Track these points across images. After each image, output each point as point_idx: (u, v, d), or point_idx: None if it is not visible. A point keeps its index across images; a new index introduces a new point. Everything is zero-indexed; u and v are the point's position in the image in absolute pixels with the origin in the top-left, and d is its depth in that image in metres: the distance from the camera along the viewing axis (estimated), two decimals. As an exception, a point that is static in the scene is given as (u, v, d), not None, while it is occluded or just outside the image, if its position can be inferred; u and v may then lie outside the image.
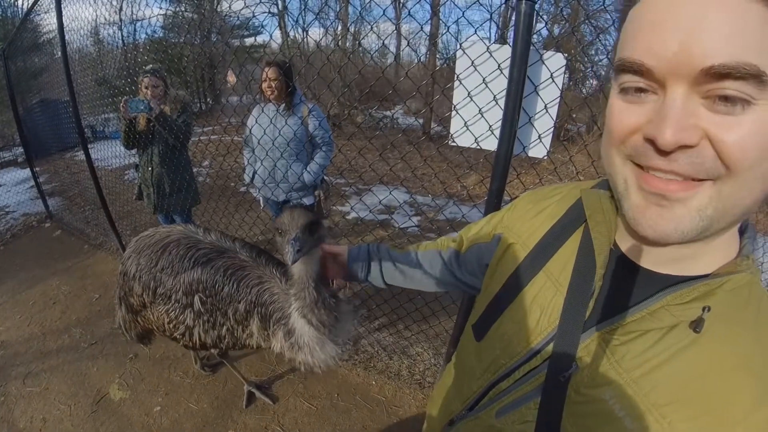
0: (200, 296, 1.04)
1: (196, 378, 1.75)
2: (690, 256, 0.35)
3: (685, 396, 0.32)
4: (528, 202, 0.53)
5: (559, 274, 0.43)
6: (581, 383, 0.37)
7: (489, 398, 0.47)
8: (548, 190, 0.52)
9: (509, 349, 0.45)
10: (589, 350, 0.37)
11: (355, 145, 1.74)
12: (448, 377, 0.62)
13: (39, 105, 4.95)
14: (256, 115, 1.87)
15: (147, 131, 2.00)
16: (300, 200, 1.97)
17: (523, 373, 0.43)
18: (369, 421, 1.54)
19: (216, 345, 1.10)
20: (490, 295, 0.51)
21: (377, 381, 1.70)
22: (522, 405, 0.42)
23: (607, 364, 0.36)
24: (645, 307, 0.35)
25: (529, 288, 0.45)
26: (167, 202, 2.15)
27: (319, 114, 1.86)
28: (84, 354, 1.95)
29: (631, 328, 0.35)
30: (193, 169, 2.33)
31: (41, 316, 2.27)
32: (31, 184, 4.03)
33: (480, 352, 0.50)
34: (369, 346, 1.85)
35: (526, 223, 0.50)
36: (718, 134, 0.27)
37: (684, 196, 0.29)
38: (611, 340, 0.36)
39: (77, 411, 1.65)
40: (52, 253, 3.04)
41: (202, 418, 1.57)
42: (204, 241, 1.09)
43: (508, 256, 0.50)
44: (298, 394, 1.65)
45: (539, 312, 0.43)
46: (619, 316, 0.36)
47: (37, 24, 5.07)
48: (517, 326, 0.45)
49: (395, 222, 3.17)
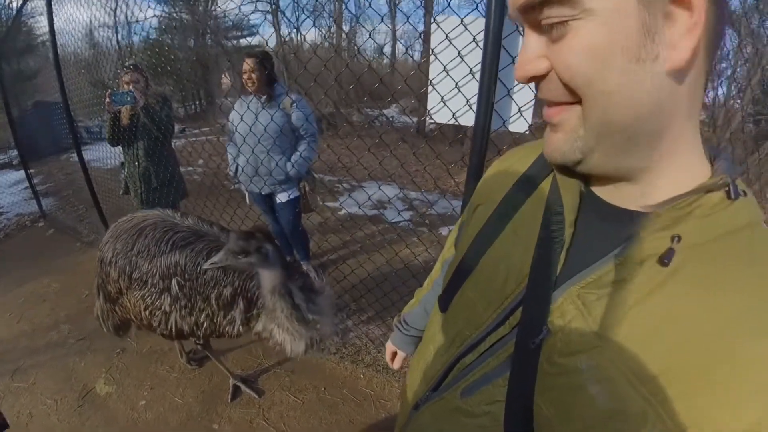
0: (178, 280, 1.06)
1: (182, 372, 1.77)
2: (646, 186, 0.32)
3: (680, 362, 0.26)
4: (495, 166, 0.51)
5: (527, 228, 0.39)
6: (554, 350, 0.33)
7: (453, 376, 0.43)
8: (516, 149, 0.50)
9: (474, 319, 0.41)
10: (562, 311, 0.33)
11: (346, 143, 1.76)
12: (416, 359, 0.57)
13: (34, 107, 5.06)
14: (238, 108, 1.89)
15: (131, 126, 2.04)
16: (285, 193, 1.99)
17: (489, 344, 0.39)
18: (356, 415, 1.54)
19: (193, 332, 1.12)
20: (456, 263, 0.48)
21: (365, 374, 1.70)
22: (489, 382, 0.38)
23: (583, 326, 0.31)
24: (625, 251, 0.30)
25: (494, 247, 0.42)
26: (155, 196, 2.19)
27: (303, 105, 1.89)
28: (72, 349, 1.99)
29: (608, 278, 0.31)
30: (188, 168, 2.38)
31: (31, 313, 2.32)
32: (25, 186, 4.12)
33: (444, 325, 0.47)
34: (357, 339, 1.86)
35: (491, 184, 0.48)
36: (554, 61, 0.30)
37: (558, 120, 0.32)
38: (587, 296, 0.32)
39: (63, 406, 1.68)
40: (44, 251, 3.11)
41: (186, 412, 1.58)
42: (181, 225, 1.12)
43: (474, 219, 0.48)
44: (284, 388, 1.66)
45: (506, 272, 0.39)
46: (594, 266, 0.32)
47: (31, 27, 5.20)
48: (482, 291, 0.41)
49: (386, 217, 3.18)
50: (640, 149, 0.31)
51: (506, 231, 0.41)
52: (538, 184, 0.41)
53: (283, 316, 0.88)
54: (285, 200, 1.99)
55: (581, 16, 0.27)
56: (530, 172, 0.43)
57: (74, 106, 3.55)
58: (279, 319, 0.90)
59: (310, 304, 0.89)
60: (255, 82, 1.80)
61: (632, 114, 0.28)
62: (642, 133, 0.29)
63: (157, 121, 1.99)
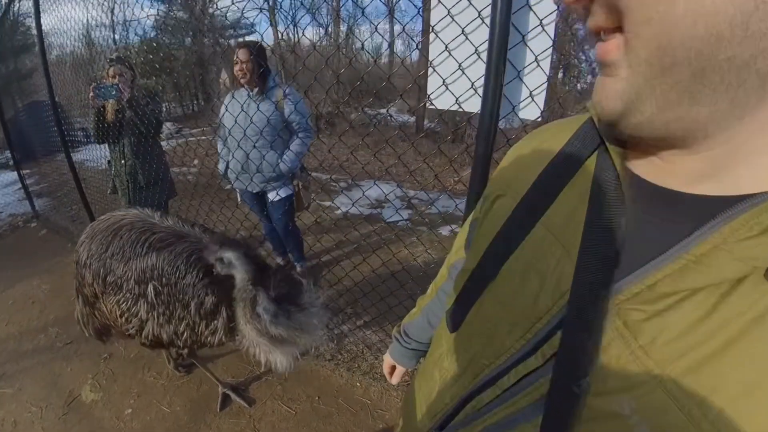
0: (155, 285, 0.99)
1: (170, 379, 1.71)
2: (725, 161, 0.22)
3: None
4: (518, 148, 0.41)
5: (565, 226, 0.30)
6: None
7: (466, 414, 0.34)
8: (544, 127, 0.40)
9: (494, 344, 0.32)
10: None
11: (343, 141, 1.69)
12: (412, 389, 0.48)
13: (28, 107, 5.04)
14: (227, 102, 1.82)
15: (116, 122, 1.96)
16: (277, 191, 1.91)
17: (515, 379, 0.30)
18: (352, 426, 1.46)
19: (173, 342, 1.04)
20: (469, 269, 0.38)
21: (362, 382, 1.62)
22: (515, 427, 0.30)
23: (627, 355, 0.23)
24: (685, 250, 0.22)
25: (521, 250, 0.32)
26: (142, 195, 2.12)
27: (295, 97, 1.80)
28: (59, 354, 1.94)
29: (664, 289, 0.22)
30: (182, 168, 2.32)
31: (19, 315, 2.27)
32: (18, 187, 4.10)
33: (455, 347, 0.38)
34: (353, 345, 1.78)
35: (515, 170, 0.38)
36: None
37: (612, 58, 0.23)
38: (630, 314, 0.24)
39: (48, 414, 1.63)
40: (36, 252, 3.07)
41: (174, 422, 1.51)
42: (160, 225, 1.04)
43: (493, 213, 0.37)
44: (276, 397, 1.59)
45: (538, 284, 0.30)
46: (641, 271, 0.24)
47: (28, 26, 5.18)
48: (505, 308, 0.32)
49: (383, 216, 3.11)
50: (713, 94, 0.20)
51: (537, 228, 0.32)
52: (579, 167, 0.31)
53: (248, 328, 0.81)
54: (277, 198, 1.92)
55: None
56: (569, 150, 0.33)
57: (71, 106, 3.52)
58: (245, 331, 0.83)
59: (278, 318, 0.82)
60: (247, 74, 1.72)
61: (705, 32, 0.19)
62: (721, 65, 0.19)
63: (142, 116, 1.91)
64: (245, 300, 0.82)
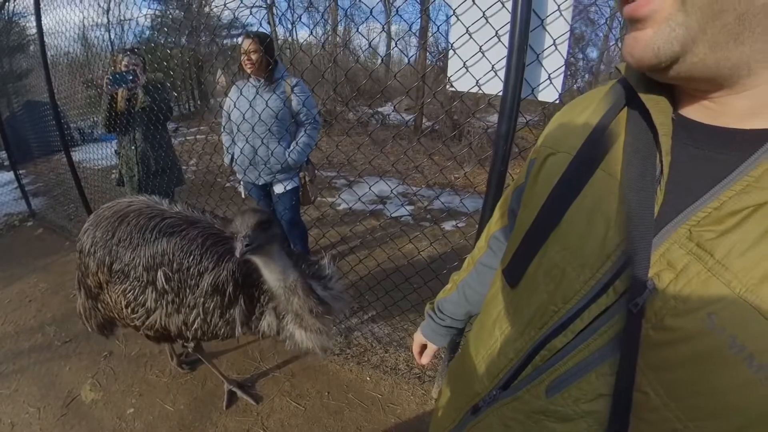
0: (165, 271, 0.94)
1: (173, 377, 1.66)
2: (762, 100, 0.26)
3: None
4: (560, 114, 0.43)
5: (624, 169, 0.31)
6: (666, 311, 0.26)
7: (534, 367, 0.34)
8: (582, 96, 0.42)
9: (562, 289, 0.33)
10: (669, 259, 0.27)
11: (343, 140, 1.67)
12: (466, 354, 0.48)
13: (25, 107, 5.01)
14: (233, 96, 1.79)
15: (127, 110, 2.00)
16: (283, 183, 1.88)
17: (588, 320, 0.31)
18: (364, 422, 1.43)
19: (181, 334, 1.00)
20: (525, 226, 0.39)
21: (372, 377, 1.59)
22: (590, 371, 0.30)
23: (704, 272, 0.25)
24: (746, 172, 0.25)
25: (584, 195, 0.33)
26: (152, 181, 2.15)
27: (303, 90, 1.78)
28: (57, 353, 1.89)
29: (731, 208, 0.25)
30: (182, 166, 2.35)
31: (16, 314, 2.23)
32: (14, 186, 4.06)
33: (517, 302, 0.38)
34: (362, 338, 1.75)
35: (565, 130, 0.40)
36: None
37: (650, 10, 0.26)
38: (703, 235, 0.26)
39: (46, 414, 1.58)
40: (33, 250, 3.03)
41: (178, 421, 1.47)
42: (170, 211, 1.00)
43: (546, 171, 0.39)
44: (284, 393, 1.55)
45: (605, 223, 0.31)
46: (705, 197, 0.26)
47: (24, 26, 5.15)
48: (572, 252, 0.33)
49: (387, 211, 3.10)
50: (756, 35, 0.24)
51: (598, 174, 0.33)
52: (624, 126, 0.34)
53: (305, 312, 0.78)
54: (283, 191, 1.89)
55: None
56: (619, 106, 0.35)
57: (67, 106, 3.51)
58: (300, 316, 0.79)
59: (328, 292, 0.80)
60: (254, 64, 1.70)
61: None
62: (762, 9, 0.23)
63: (157, 101, 1.98)
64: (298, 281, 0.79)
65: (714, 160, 0.27)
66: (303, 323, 0.82)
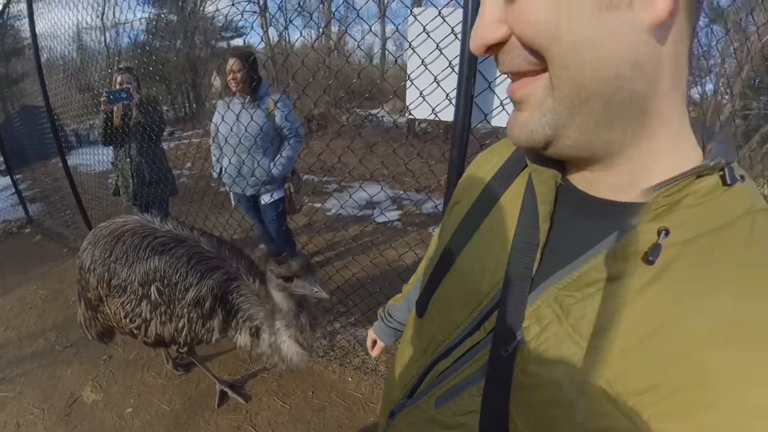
0: (157, 286, 1.07)
1: (169, 378, 1.79)
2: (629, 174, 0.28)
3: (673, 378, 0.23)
4: (473, 164, 0.48)
5: (503, 224, 0.36)
6: (529, 359, 0.30)
7: (428, 383, 0.41)
8: (495, 145, 0.46)
9: (449, 322, 0.39)
10: (538, 315, 0.30)
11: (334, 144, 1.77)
12: (391, 367, 0.56)
13: (20, 112, 5.04)
14: (221, 110, 1.91)
15: (123, 125, 2.13)
16: (269, 194, 2.00)
17: (464, 349, 0.37)
18: (345, 419, 1.55)
19: (174, 339, 1.13)
20: (432, 264, 0.46)
21: (354, 377, 1.72)
22: (464, 390, 0.36)
23: (561, 332, 0.28)
24: (606, 247, 0.28)
25: (470, 245, 0.40)
26: (147, 191, 2.27)
27: (285, 105, 1.90)
28: (59, 357, 2.00)
29: (589, 278, 0.28)
30: (175, 171, 2.47)
31: (17, 320, 2.33)
32: (11, 192, 4.12)
33: (420, 329, 0.45)
34: (345, 341, 1.87)
35: (469, 181, 0.46)
36: (513, 22, 0.26)
37: (522, 94, 0.28)
38: (565, 299, 0.29)
39: (50, 415, 1.68)
40: (31, 257, 3.12)
41: (173, 419, 1.59)
42: (161, 230, 1.13)
43: (452, 217, 0.45)
44: (271, 393, 1.67)
45: (481, 272, 0.37)
46: (572, 265, 0.29)
47: (18, 30, 5.18)
48: (457, 292, 0.39)
49: (374, 217, 3.19)
50: (622, 120, 0.26)
51: (482, 228, 0.39)
52: (515, 177, 0.39)
53: (295, 331, 0.91)
54: (269, 201, 2.01)
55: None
56: (507, 166, 0.41)
57: (62, 109, 3.55)
58: (290, 334, 0.93)
59: (315, 318, 0.94)
60: (239, 83, 1.81)
61: (610, 72, 0.24)
62: (624, 97, 0.25)
63: (150, 117, 2.10)
64: (294, 308, 0.92)
65: (587, 228, 0.30)
66: (293, 340, 0.94)
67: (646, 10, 0.23)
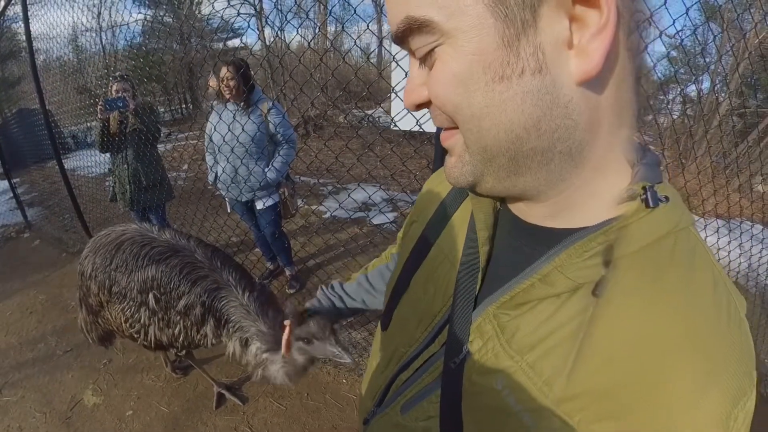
0: (154, 293, 1.13)
1: (168, 381, 1.84)
2: (564, 205, 0.31)
3: (596, 386, 0.27)
4: (428, 182, 0.51)
5: (453, 244, 0.40)
6: (473, 370, 0.34)
7: (393, 391, 0.45)
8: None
9: (408, 336, 0.43)
10: (480, 331, 0.34)
11: (330, 146, 1.81)
12: (366, 374, 0.59)
13: (17, 115, 5.08)
14: (215, 121, 1.96)
15: (119, 132, 2.19)
16: (264, 200, 2.06)
17: (422, 361, 0.41)
18: (339, 420, 1.61)
19: (172, 344, 1.19)
20: (393, 283, 0.49)
21: (348, 379, 1.77)
22: (424, 398, 0.39)
23: (498, 346, 0.32)
24: (535, 271, 0.31)
25: (424, 265, 0.44)
26: (144, 196, 2.33)
27: (279, 111, 1.95)
28: (59, 362, 2.05)
29: (521, 299, 0.31)
30: (172, 173, 2.53)
31: (18, 326, 2.38)
32: (9, 196, 4.16)
33: (385, 342, 0.49)
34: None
35: (425, 201, 0.49)
36: (428, 90, 0.29)
37: (449, 144, 0.32)
38: (502, 316, 0.33)
39: (52, 418, 1.73)
40: (31, 263, 3.17)
41: (172, 421, 1.65)
42: (158, 239, 1.18)
43: (409, 236, 0.49)
44: (267, 395, 1.73)
45: (433, 291, 0.41)
46: (508, 285, 0.33)
47: (15, 32, 5.22)
48: (414, 309, 0.43)
49: (369, 219, 3.24)
50: (534, 169, 0.29)
51: (434, 249, 0.43)
52: (466, 195, 0.42)
53: (290, 368, 0.87)
54: (264, 206, 2.07)
55: (442, 41, 0.26)
56: (456, 191, 0.44)
57: (60, 112, 3.58)
58: (286, 369, 0.89)
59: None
60: (233, 90, 1.86)
61: (509, 136, 0.27)
62: (529, 153, 0.28)
63: (146, 123, 2.16)
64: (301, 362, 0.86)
65: (522, 251, 0.33)
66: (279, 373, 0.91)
67: (580, 69, 0.25)
